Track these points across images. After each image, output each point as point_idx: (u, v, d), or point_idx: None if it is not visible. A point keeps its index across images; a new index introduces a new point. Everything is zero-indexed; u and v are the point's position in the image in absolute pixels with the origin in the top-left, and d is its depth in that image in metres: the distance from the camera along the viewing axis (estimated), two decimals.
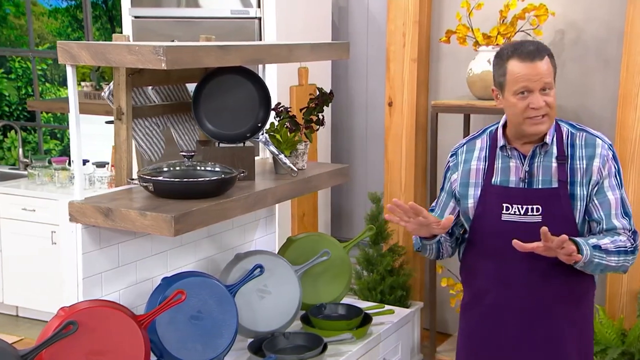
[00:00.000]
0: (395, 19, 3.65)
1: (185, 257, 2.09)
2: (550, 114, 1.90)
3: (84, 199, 1.76)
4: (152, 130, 2.08)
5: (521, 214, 1.91)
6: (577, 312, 1.97)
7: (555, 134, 1.94)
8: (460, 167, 2.02)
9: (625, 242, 1.88)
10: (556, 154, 1.92)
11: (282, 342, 2.00)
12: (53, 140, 6.51)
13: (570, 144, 1.94)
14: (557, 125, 1.96)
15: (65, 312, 1.61)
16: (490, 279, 1.96)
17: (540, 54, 1.88)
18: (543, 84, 1.87)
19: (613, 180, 1.92)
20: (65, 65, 1.67)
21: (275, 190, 2.01)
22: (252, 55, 1.87)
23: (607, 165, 1.91)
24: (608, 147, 1.94)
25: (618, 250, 1.87)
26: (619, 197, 1.91)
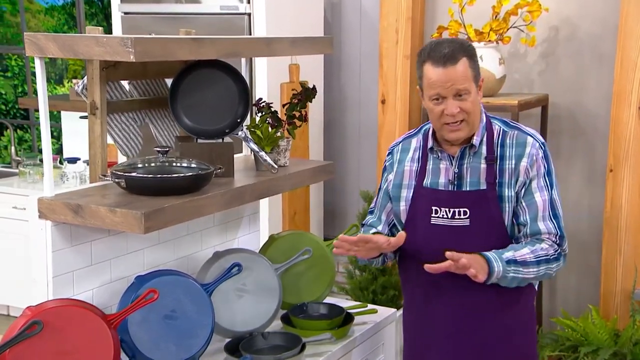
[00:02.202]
0: (388, 15, 3.61)
1: (163, 255, 2.05)
2: (469, 119, 1.83)
3: (54, 196, 1.72)
4: (128, 125, 2.03)
5: (449, 217, 1.85)
6: (513, 319, 1.89)
7: (486, 133, 1.87)
8: (394, 167, 1.97)
9: (548, 250, 1.81)
10: (485, 154, 1.86)
11: (260, 342, 1.96)
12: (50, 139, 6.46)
13: (500, 143, 1.87)
14: (489, 124, 1.89)
15: (32, 311, 1.57)
16: (422, 284, 1.90)
17: (454, 58, 1.78)
18: (455, 90, 1.80)
19: (542, 180, 1.85)
20: (34, 57, 1.63)
21: (254, 187, 1.97)
22: (228, 48, 1.82)
23: (535, 165, 1.84)
24: (539, 146, 1.87)
25: (538, 260, 1.80)
26: (548, 198, 1.84)
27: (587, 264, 3.43)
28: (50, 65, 6.58)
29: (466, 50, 1.82)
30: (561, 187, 3.67)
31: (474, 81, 1.83)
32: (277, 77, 3.47)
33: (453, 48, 1.81)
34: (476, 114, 1.85)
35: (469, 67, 1.81)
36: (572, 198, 3.46)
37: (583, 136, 3.40)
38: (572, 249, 3.46)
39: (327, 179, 2.30)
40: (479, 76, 1.86)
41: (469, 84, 1.81)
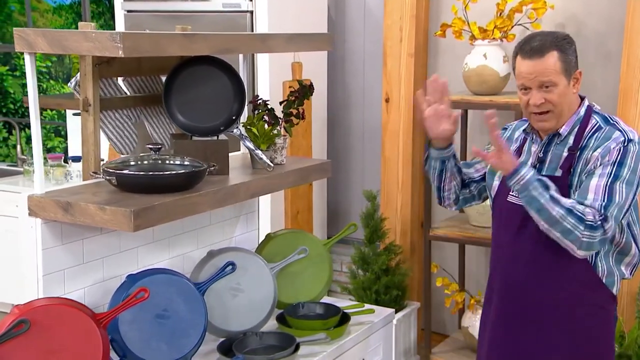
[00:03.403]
0: (392, 12, 3.58)
1: (157, 254, 2.03)
2: (555, 110, 1.89)
3: (44, 193, 1.71)
4: (122, 122, 2.02)
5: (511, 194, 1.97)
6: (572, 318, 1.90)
7: (580, 125, 1.92)
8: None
9: (585, 211, 1.80)
10: (571, 144, 1.91)
11: (254, 341, 1.93)
12: (57, 138, 6.51)
13: (590, 136, 1.91)
14: (587, 117, 1.94)
15: (20, 309, 1.55)
16: (493, 257, 2.05)
17: (541, 51, 1.87)
18: (539, 82, 1.87)
19: (608, 168, 1.84)
20: (24, 53, 1.61)
21: (249, 185, 1.94)
22: (221, 44, 1.80)
23: (608, 155, 1.86)
24: (622, 141, 1.86)
25: (570, 210, 1.80)
26: (605, 184, 1.82)
27: None
28: (58, 64, 6.60)
29: (558, 43, 1.88)
30: None
31: (564, 74, 1.88)
32: (279, 75, 3.44)
33: (544, 41, 1.88)
34: (565, 105, 1.90)
35: (559, 60, 1.87)
36: None
37: None
38: None
39: (325, 177, 2.28)
40: (572, 69, 1.91)
41: (555, 77, 1.87)
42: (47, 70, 6.79)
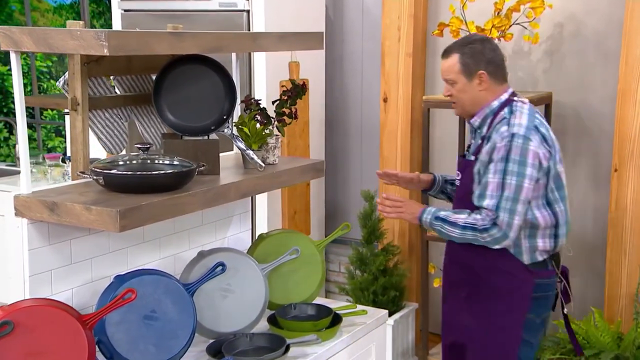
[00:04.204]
0: (390, 12, 3.56)
1: (148, 254, 2.01)
2: (458, 102, 2.28)
3: (31, 193, 1.69)
4: (112, 122, 2.00)
5: (457, 179, 2.35)
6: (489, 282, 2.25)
7: (492, 116, 2.24)
8: None
9: (475, 219, 2.15)
10: (483, 133, 2.25)
11: (244, 343, 1.91)
12: (58, 138, 6.51)
13: (494, 127, 2.22)
14: (499, 110, 2.24)
15: (4, 310, 1.54)
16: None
17: (447, 53, 2.28)
18: (444, 78, 2.30)
19: (497, 165, 2.14)
20: (9, 52, 1.60)
21: (239, 185, 1.93)
22: (211, 43, 1.78)
23: (495, 151, 2.15)
24: (507, 136, 2.15)
25: (464, 226, 2.16)
26: (498, 182, 2.14)
27: (592, 266, 3.35)
28: (59, 64, 6.60)
29: (461, 47, 2.25)
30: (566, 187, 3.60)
31: (463, 74, 2.24)
32: (277, 75, 3.42)
33: (452, 45, 2.29)
34: (466, 100, 2.26)
35: (458, 62, 2.24)
36: (577, 198, 3.38)
37: (588, 135, 3.33)
38: (577, 250, 3.41)
39: (318, 177, 2.26)
40: (472, 69, 2.24)
41: (454, 76, 2.25)
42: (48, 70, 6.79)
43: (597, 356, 2.71)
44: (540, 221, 2.20)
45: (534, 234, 2.21)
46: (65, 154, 4.65)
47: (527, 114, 2.19)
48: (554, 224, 2.22)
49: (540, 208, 2.19)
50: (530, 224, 2.20)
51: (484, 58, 2.23)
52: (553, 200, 2.22)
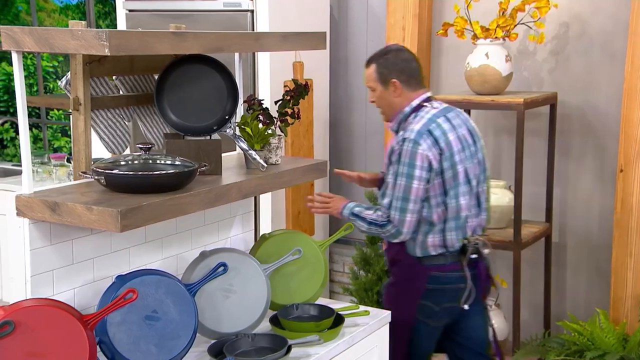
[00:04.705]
0: (394, 12, 3.55)
1: (150, 254, 2.01)
2: (380, 108, 2.50)
3: (32, 193, 1.69)
4: (115, 122, 2.00)
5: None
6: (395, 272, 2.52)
7: (405, 121, 2.44)
8: None
9: (379, 217, 2.38)
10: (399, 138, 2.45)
11: (246, 343, 1.91)
12: (64, 138, 6.52)
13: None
14: (410, 116, 2.44)
15: (5, 310, 1.54)
16: None
17: (368, 62, 2.49)
18: (366, 86, 2.52)
19: (393, 167, 2.37)
20: (10, 52, 1.60)
21: (241, 185, 1.92)
22: (213, 43, 1.78)
23: (392, 155, 2.39)
24: (400, 141, 2.37)
25: (370, 222, 2.40)
26: (392, 182, 2.36)
27: (597, 267, 3.33)
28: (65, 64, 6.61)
29: (378, 58, 2.46)
30: (571, 187, 3.60)
31: (379, 82, 2.46)
32: (281, 75, 3.42)
33: (371, 56, 2.49)
34: (385, 106, 2.47)
35: (374, 72, 2.46)
36: (582, 198, 3.36)
37: (593, 135, 3.31)
38: (582, 250, 3.39)
39: (320, 177, 2.25)
40: (386, 79, 2.45)
41: (372, 83, 2.47)
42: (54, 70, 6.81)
43: (602, 357, 2.69)
44: (435, 217, 2.39)
45: (430, 230, 2.41)
46: (71, 154, 4.67)
47: (425, 119, 2.39)
48: (443, 219, 2.40)
49: (440, 206, 2.38)
50: (428, 222, 2.39)
51: (396, 68, 2.45)
52: (448, 198, 2.39)
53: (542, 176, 3.34)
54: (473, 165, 2.44)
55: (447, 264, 2.41)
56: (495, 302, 3.31)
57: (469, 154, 2.44)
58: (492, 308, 3.28)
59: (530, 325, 3.41)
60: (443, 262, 2.41)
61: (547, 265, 3.36)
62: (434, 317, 2.44)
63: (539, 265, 3.42)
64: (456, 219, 2.39)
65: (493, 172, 3.52)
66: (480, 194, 2.47)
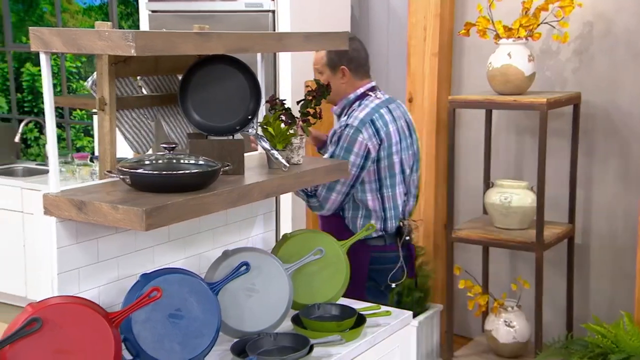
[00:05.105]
0: (416, 12, 3.54)
1: (173, 253, 2.03)
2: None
3: (59, 192, 1.72)
4: (139, 122, 2.02)
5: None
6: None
7: (349, 107, 2.64)
8: None
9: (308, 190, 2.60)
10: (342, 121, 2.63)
11: (268, 342, 1.92)
12: (86, 137, 6.60)
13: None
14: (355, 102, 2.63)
15: (33, 308, 1.56)
16: None
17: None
18: (314, 67, 2.74)
19: (330, 148, 2.56)
20: (39, 53, 1.63)
21: (263, 185, 1.93)
22: (236, 43, 1.79)
23: (333, 137, 2.56)
24: (342, 127, 2.56)
25: (305, 192, 2.62)
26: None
27: (621, 269, 3.29)
28: (88, 64, 6.69)
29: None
30: (594, 188, 3.57)
31: (329, 67, 2.67)
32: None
33: None
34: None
35: (325, 56, 2.66)
36: (606, 200, 3.33)
37: (617, 136, 3.27)
38: (605, 252, 3.35)
39: (342, 177, 2.25)
40: (335, 65, 2.65)
41: (321, 67, 2.68)
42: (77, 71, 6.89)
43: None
44: (370, 204, 2.60)
45: (369, 215, 2.62)
46: (93, 153, 4.72)
47: (369, 108, 2.56)
48: (382, 207, 2.61)
49: (373, 192, 2.59)
50: (365, 206, 2.62)
51: (346, 56, 2.60)
52: (384, 187, 2.61)
53: (565, 177, 3.31)
54: (408, 156, 2.68)
55: (386, 245, 2.66)
56: (517, 304, 3.29)
57: (405, 146, 2.66)
58: (514, 309, 3.26)
59: (553, 327, 3.38)
60: (382, 244, 2.65)
61: (569, 267, 3.33)
62: (382, 298, 2.65)
63: (561, 267, 3.39)
64: (394, 208, 2.65)
65: (515, 173, 3.50)
66: (412, 183, 2.74)
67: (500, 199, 3.17)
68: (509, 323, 3.25)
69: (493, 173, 3.45)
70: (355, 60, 2.66)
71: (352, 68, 2.65)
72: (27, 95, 6.04)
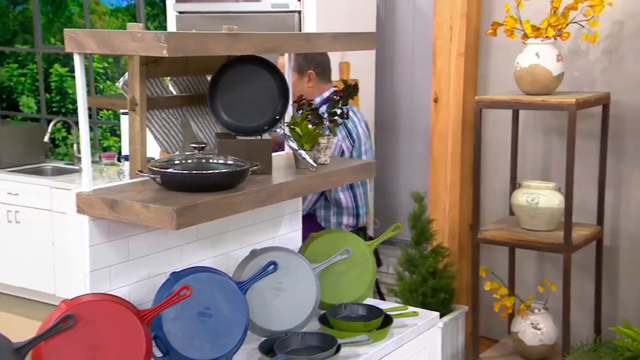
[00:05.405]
0: (442, 11, 3.53)
1: (201, 252, 2.05)
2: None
3: (92, 191, 1.74)
4: (169, 122, 2.04)
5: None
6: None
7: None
8: None
9: None
10: None
11: (296, 342, 1.93)
12: (113, 137, 6.68)
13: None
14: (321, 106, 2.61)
15: (67, 304, 1.59)
16: None
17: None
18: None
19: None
20: (73, 54, 1.65)
21: (291, 185, 1.94)
22: (266, 43, 1.80)
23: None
24: None
25: None
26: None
27: None
28: (114, 65, 6.77)
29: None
30: (623, 190, 3.53)
31: (296, 71, 2.73)
32: None
33: None
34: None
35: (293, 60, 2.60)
36: (636, 201, 3.28)
37: None
38: (635, 254, 3.31)
39: (369, 177, 2.26)
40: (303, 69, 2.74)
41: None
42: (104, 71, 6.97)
43: None
44: (343, 201, 2.74)
45: (340, 212, 2.77)
46: (120, 153, 4.78)
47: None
48: (355, 205, 2.76)
49: (345, 190, 2.72)
50: (337, 203, 2.75)
51: (314, 60, 2.70)
52: (355, 185, 2.74)
53: (593, 178, 3.27)
54: (369, 157, 2.84)
55: None
56: (544, 306, 3.26)
57: (368, 146, 2.87)
58: (541, 311, 3.23)
59: (581, 330, 3.34)
60: None
61: (598, 269, 3.29)
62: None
63: (589, 269, 3.35)
64: (365, 204, 2.85)
65: (542, 174, 3.47)
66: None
67: (527, 200, 3.14)
68: (535, 325, 3.22)
69: (519, 174, 3.42)
70: (321, 65, 2.76)
71: (318, 72, 2.76)
72: (55, 96, 6.13)
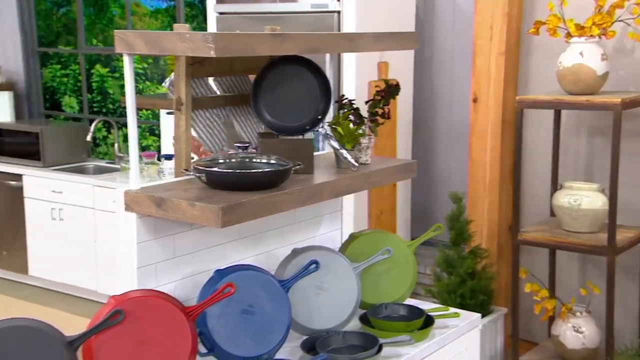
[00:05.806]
0: (483, 10, 3.49)
1: (244, 250, 2.07)
2: None
3: (139, 189, 1.78)
4: (212, 121, 2.07)
5: None
6: None
7: None
8: None
9: None
10: None
11: (337, 341, 1.94)
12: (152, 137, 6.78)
13: None
14: None
15: (116, 300, 1.62)
16: None
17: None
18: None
19: None
20: (123, 55, 1.69)
21: (333, 185, 1.95)
22: (310, 44, 1.81)
23: None
24: None
25: None
26: None
27: None
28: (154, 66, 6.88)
29: None
30: None
31: None
32: (366, 75, 3.44)
33: None
34: None
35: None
36: None
37: None
38: None
39: (410, 177, 2.25)
40: None
41: None
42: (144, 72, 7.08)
43: None
44: None
45: None
46: (159, 152, 4.86)
47: None
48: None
49: None
50: None
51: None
52: None
53: (638, 179, 3.20)
54: None
55: None
56: (586, 309, 3.20)
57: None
58: (583, 314, 3.18)
59: (624, 334, 3.28)
60: None
61: None
62: None
63: (633, 272, 3.28)
64: None
65: (586, 175, 3.41)
66: None
67: (570, 201, 3.09)
68: (577, 329, 3.17)
69: (560, 175, 3.37)
70: None
71: None
72: (96, 96, 6.26)
